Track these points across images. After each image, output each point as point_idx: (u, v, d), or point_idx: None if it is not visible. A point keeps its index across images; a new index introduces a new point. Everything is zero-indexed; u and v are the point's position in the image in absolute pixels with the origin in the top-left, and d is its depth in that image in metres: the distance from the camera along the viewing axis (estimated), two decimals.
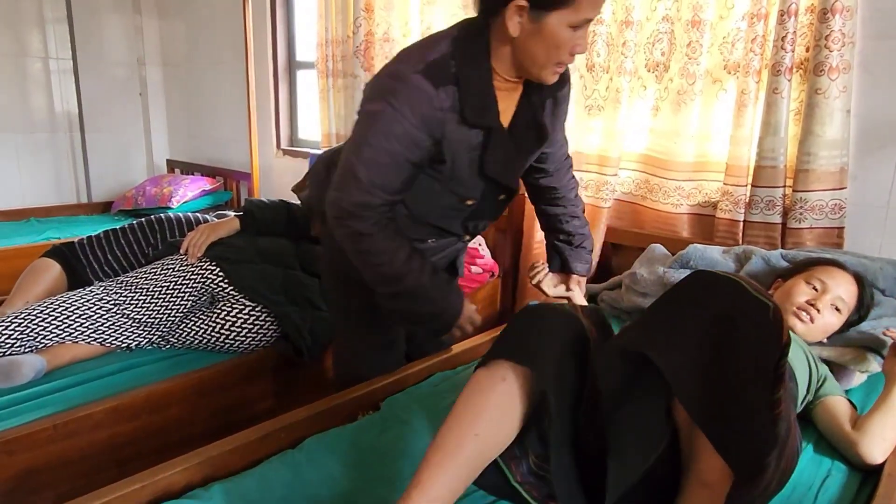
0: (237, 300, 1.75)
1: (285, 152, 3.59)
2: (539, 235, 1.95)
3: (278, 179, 3.62)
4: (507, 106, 1.28)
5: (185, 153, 4.19)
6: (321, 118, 3.10)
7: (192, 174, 3.83)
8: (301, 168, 3.47)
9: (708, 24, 1.98)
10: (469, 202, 1.35)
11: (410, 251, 1.27)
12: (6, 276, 2.47)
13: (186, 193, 3.46)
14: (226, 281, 1.75)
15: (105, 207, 3.75)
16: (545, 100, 1.31)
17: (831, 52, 1.73)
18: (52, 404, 1.45)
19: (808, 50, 1.83)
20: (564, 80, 1.33)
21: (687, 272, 1.92)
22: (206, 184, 3.61)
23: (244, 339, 1.74)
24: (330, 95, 3.02)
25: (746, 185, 1.96)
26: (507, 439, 1.01)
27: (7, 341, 1.58)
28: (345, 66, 2.93)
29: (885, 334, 1.47)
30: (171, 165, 4.15)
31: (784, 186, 1.90)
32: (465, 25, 1.23)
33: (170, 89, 4.22)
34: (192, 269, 1.75)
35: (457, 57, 1.17)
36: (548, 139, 1.37)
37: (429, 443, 1.27)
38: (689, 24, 1.99)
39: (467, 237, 1.49)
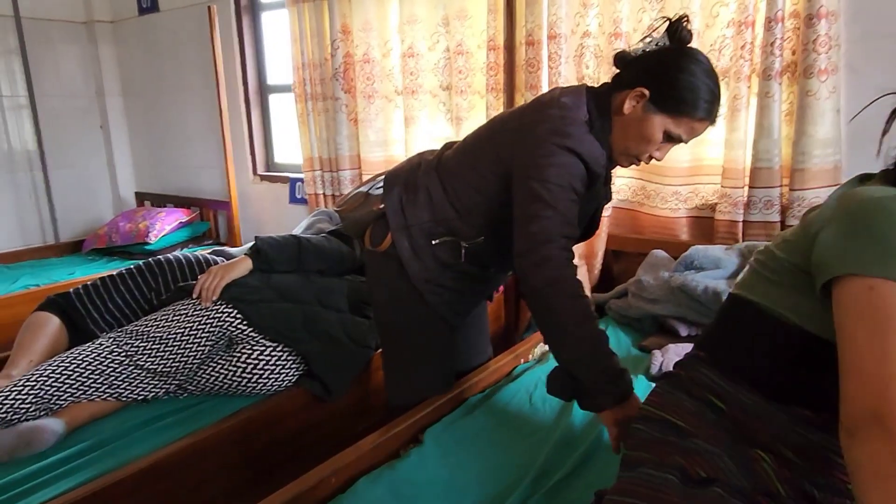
0: (257, 341, 1.70)
1: (262, 178, 3.52)
2: None
3: (257, 205, 3.55)
4: None
5: (154, 185, 4.06)
6: (302, 142, 3.05)
7: (165, 206, 3.71)
8: (281, 193, 3.41)
9: (695, 34, 2.02)
10: None
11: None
12: None
13: (164, 227, 3.35)
14: (245, 322, 1.69)
15: (76, 247, 3.60)
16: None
17: (819, 55, 1.80)
18: (80, 470, 1.38)
19: (794, 53, 1.89)
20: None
21: (692, 273, 1.96)
22: (181, 215, 3.50)
23: (267, 380, 1.69)
24: (310, 119, 2.97)
25: (744, 187, 2.02)
26: None
27: (21, 406, 1.50)
28: (324, 89, 2.89)
29: None
30: (140, 198, 4.02)
31: (781, 186, 1.97)
32: (595, 96, 1.33)
33: (132, 120, 4.09)
34: (208, 313, 1.69)
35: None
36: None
37: (471, 468, 1.29)
38: None
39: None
